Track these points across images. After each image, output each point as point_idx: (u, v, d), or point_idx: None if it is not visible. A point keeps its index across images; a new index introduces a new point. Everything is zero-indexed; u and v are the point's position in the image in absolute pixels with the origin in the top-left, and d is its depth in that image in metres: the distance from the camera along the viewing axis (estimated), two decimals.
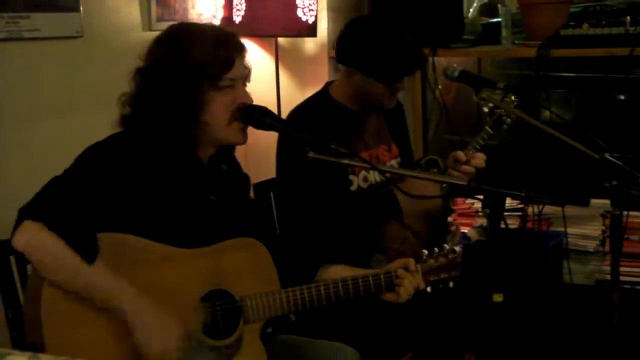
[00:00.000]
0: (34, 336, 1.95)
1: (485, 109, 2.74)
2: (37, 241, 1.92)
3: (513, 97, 2.66)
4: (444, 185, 2.78)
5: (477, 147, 2.80)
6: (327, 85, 2.89)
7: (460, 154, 2.78)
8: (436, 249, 2.39)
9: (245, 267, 2.20)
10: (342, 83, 2.83)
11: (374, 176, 2.82)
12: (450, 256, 2.39)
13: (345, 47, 2.77)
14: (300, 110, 2.81)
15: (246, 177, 2.45)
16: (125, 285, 1.97)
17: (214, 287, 2.12)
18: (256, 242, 2.26)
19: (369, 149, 2.84)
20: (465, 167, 2.77)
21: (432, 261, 2.37)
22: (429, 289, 2.37)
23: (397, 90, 2.78)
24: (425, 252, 2.39)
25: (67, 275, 1.93)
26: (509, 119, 2.73)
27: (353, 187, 2.77)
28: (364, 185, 2.80)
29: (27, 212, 1.94)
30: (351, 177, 2.78)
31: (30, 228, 1.92)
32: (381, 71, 2.69)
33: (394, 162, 2.92)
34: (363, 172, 2.80)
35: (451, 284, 2.39)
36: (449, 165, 2.81)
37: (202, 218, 2.17)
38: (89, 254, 1.94)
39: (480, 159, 2.80)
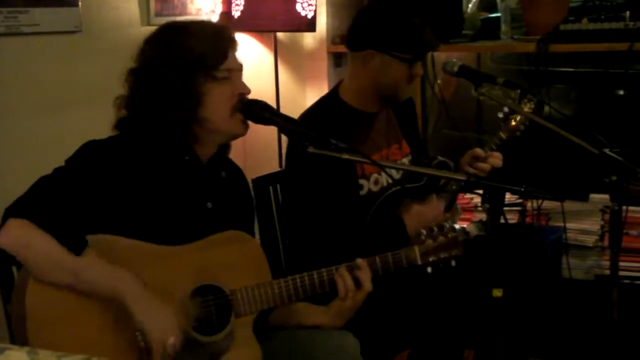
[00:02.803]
0: (19, 336, 1.93)
1: (500, 115, 2.72)
2: (22, 238, 1.90)
3: (529, 105, 2.65)
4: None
5: (489, 152, 2.80)
6: (337, 86, 2.85)
7: (479, 151, 2.76)
8: (435, 227, 2.34)
9: (234, 260, 2.17)
10: (352, 80, 2.78)
11: (386, 178, 2.80)
12: (450, 235, 2.33)
13: (361, 30, 2.72)
14: (310, 115, 2.78)
15: (246, 184, 2.43)
16: (118, 271, 1.95)
17: (204, 283, 2.10)
18: (245, 235, 2.23)
19: (380, 150, 2.81)
20: (483, 165, 2.75)
21: (430, 241, 2.32)
22: (429, 270, 2.32)
23: (413, 77, 2.75)
24: (424, 231, 2.33)
25: (55, 270, 1.91)
26: (523, 126, 2.72)
27: (363, 192, 2.75)
28: (375, 188, 2.77)
29: (11, 211, 1.92)
30: (362, 181, 2.74)
31: (14, 226, 1.90)
32: (403, 43, 2.66)
33: (405, 160, 2.90)
34: (375, 175, 2.77)
35: (453, 263, 2.33)
36: (465, 162, 2.79)
37: (196, 224, 2.15)
38: (75, 245, 1.92)
39: (497, 158, 2.78)
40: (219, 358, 2.10)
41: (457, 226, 2.35)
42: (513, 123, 2.76)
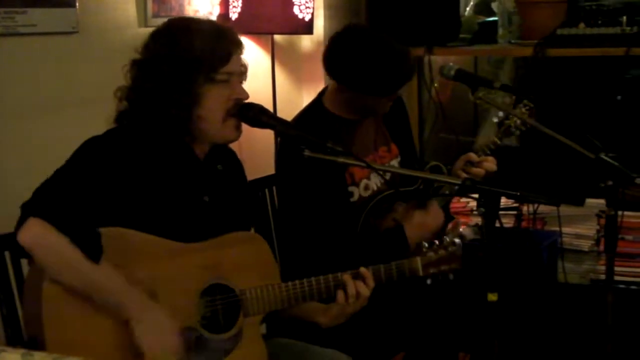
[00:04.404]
0: (35, 332, 1.95)
1: (495, 119, 2.72)
2: (43, 240, 1.91)
3: (524, 110, 2.65)
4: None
5: (483, 156, 2.80)
6: (321, 94, 2.85)
7: (473, 156, 2.76)
8: (436, 241, 2.40)
9: (245, 260, 2.19)
10: (333, 92, 2.78)
11: (375, 182, 2.80)
12: (450, 249, 2.39)
13: (333, 64, 2.70)
14: (295, 123, 2.77)
15: (243, 176, 2.44)
16: (128, 287, 1.97)
17: (214, 281, 2.12)
18: (257, 236, 2.27)
19: (367, 154, 2.80)
20: (476, 170, 2.75)
21: (431, 254, 2.38)
22: (428, 281, 2.38)
23: (391, 99, 2.75)
24: (426, 244, 2.39)
25: (71, 274, 1.92)
26: (517, 132, 2.71)
27: (354, 198, 2.74)
28: (366, 194, 2.76)
29: (31, 209, 1.93)
30: (351, 188, 2.73)
31: (35, 226, 1.91)
32: (373, 88, 2.65)
33: (394, 162, 2.89)
34: (364, 181, 2.76)
35: (451, 277, 2.39)
36: (458, 167, 2.78)
37: (194, 218, 2.16)
38: (94, 253, 1.93)
39: (491, 162, 2.77)
40: (226, 356, 2.12)
41: (457, 240, 2.39)
42: (508, 128, 2.76)
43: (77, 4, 3.04)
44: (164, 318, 2.00)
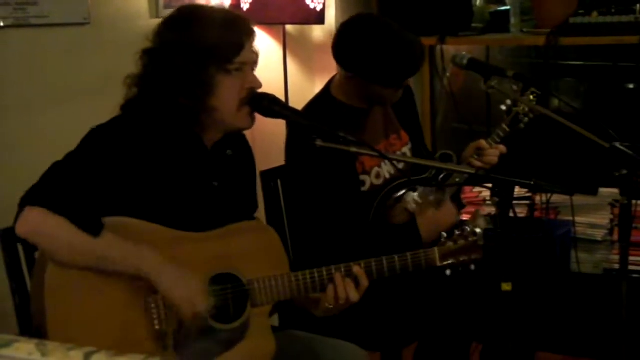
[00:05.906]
0: (39, 323, 1.96)
1: (503, 107, 2.71)
2: (40, 227, 1.92)
3: (532, 97, 2.63)
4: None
5: (494, 144, 2.79)
6: (329, 83, 2.84)
7: (484, 143, 2.75)
8: (456, 231, 2.35)
9: (254, 250, 2.18)
10: (341, 82, 2.77)
11: (388, 170, 2.79)
12: (470, 239, 2.34)
13: (342, 52, 2.69)
14: (304, 113, 2.76)
15: (252, 160, 2.43)
16: (138, 248, 1.97)
17: (222, 270, 2.11)
18: (267, 226, 2.26)
19: (379, 142, 2.80)
20: (488, 158, 2.74)
21: (450, 244, 2.33)
22: (447, 272, 2.33)
23: (400, 88, 2.74)
24: (445, 234, 2.35)
25: (76, 254, 1.93)
26: (526, 119, 2.70)
27: (366, 187, 2.74)
28: (378, 182, 2.76)
29: (27, 199, 1.93)
30: (363, 177, 2.73)
31: (31, 214, 1.91)
32: (382, 77, 2.64)
33: (406, 150, 2.89)
34: (375, 169, 2.76)
35: (472, 267, 2.34)
36: (469, 154, 2.77)
37: (203, 203, 2.16)
38: (93, 228, 1.93)
39: (502, 147, 2.77)
40: (234, 346, 2.11)
41: (477, 230, 2.35)
42: (517, 115, 2.74)
43: None
44: (182, 268, 2.01)
